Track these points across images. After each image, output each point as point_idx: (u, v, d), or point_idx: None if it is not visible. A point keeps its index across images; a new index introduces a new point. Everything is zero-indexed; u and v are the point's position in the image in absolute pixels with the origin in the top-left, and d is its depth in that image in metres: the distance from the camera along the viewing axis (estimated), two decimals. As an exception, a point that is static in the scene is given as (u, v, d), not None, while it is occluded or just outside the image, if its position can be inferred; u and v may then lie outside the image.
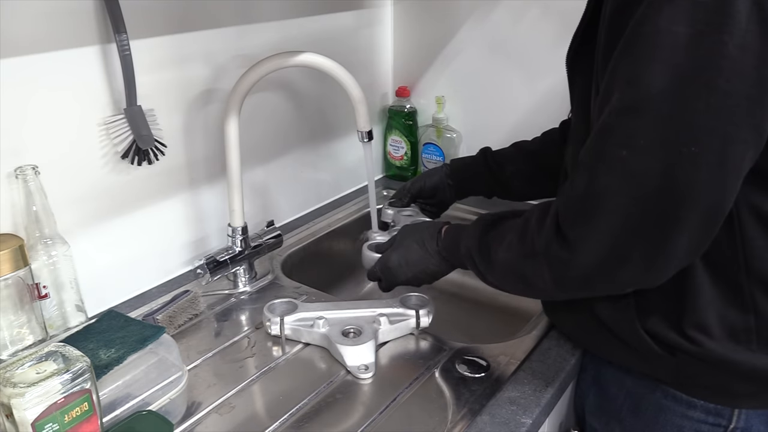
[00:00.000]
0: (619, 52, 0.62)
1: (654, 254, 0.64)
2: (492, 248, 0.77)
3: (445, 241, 0.86)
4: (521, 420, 0.76)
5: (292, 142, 1.27)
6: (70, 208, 0.91)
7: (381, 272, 0.92)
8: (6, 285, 0.80)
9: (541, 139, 1.09)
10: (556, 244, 0.67)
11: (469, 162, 1.11)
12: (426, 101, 1.46)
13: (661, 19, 0.58)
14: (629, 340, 0.75)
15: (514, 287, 0.78)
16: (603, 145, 0.63)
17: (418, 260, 0.88)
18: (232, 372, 0.86)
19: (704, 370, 0.72)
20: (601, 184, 0.63)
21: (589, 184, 0.64)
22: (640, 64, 0.60)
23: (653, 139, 0.60)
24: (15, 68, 0.82)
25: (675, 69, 0.58)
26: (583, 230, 0.65)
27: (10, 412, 0.61)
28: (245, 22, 1.11)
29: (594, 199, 0.64)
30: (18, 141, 0.84)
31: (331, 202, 1.40)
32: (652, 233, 0.62)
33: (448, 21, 1.37)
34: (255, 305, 1.01)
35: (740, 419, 0.74)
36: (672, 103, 0.59)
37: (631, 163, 0.61)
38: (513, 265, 0.74)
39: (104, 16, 0.89)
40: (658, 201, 0.61)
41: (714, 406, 0.74)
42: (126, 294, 1.03)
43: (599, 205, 0.64)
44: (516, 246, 0.73)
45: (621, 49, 0.62)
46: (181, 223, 1.09)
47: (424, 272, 0.89)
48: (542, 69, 1.28)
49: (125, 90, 0.91)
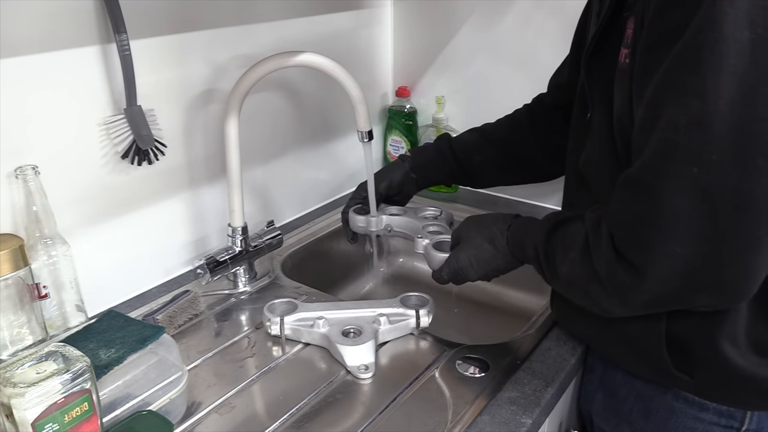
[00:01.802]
0: (675, 63, 0.58)
1: (733, 276, 0.60)
2: (557, 259, 0.74)
3: (514, 240, 0.82)
4: (521, 420, 0.76)
5: (292, 142, 1.27)
6: (70, 208, 0.91)
7: (450, 274, 0.88)
8: (6, 285, 0.80)
9: (507, 124, 1.06)
10: (621, 270, 0.64)
11: (432, 155, 1.08)
12: (426, 101, 1.46)
13: (725, 25, 0.54)
14: (649, 358, 0.74)
15: (579, 301, 0.75)
16: (669, 163, 0.59)
17: (489, 259, 0.84)
18: (232, 372, 0.86)
19: (722, 385, 0.71)
20: (672, 205, 0.59)
21: (656, 205, 0.60)
22: (704, 75, 0.56)
23: (725, 154, 0.56)
24: (15, 68, 0.82)
25: (742, 77, 0.55)
26: (651, 255, 0.61)
27: (10, 412, 0.61)
28: (245, 22, 1.11)
29: (662, 221, 0.59)
30: (18, 141, 0.84)
31: (331, 202, 1.40)
32: (730, 254, 0.59)
33: (448, 21, 1.37)
34: (255, 305, 1.01)
35: (752, 421, 0.73)
36: (741, 114, 0.55)
37: (703, 181, 0.57)
38: (576, 283, 0.71)
39: (104, 16, 0.89)
40: (735, 220, 0.57)
41: (726, 408, 0.73)
42: (126, 294, 1.03)
43: (670, 227, 0.59)
44: (579, 265, 0.70)
45: (678, 59, 0.58)
46: (181, 223, 1.09)
47: (496, 270, 0.85)
48: (542, 69, 1.28)
49: (125, 90, 0.91)
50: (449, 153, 1.06)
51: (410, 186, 1.08)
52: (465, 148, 1.05)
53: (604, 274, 0.66)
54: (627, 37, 0.68)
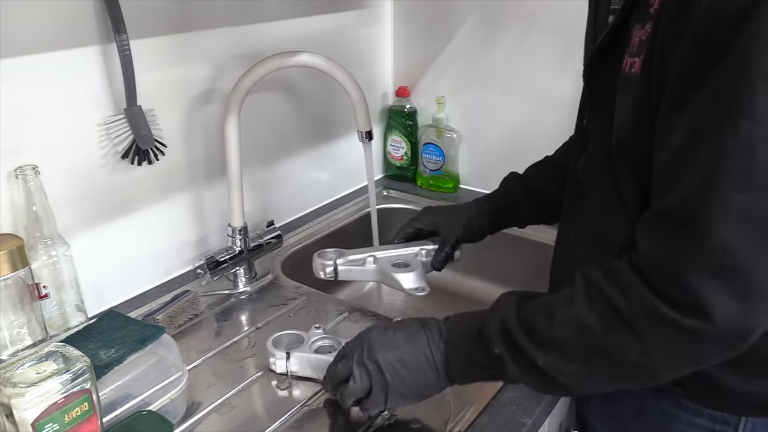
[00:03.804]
0: (718, 85, 0.54)
1: None
2: (539, 324, 0.63)
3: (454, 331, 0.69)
4: (521, 420, 0.76)
5: (292, 142, 1.27)
6: (70, 208, 0.91)
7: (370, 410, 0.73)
8: (6, 285, 0.80)
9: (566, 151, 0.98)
10: (665, 309, 0.56)
11: (509, 198, 0.98)
12: (426, 101, 1.46)
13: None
14: None
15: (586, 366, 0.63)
16: (716, 191, 0.54)
17: (424, 387, 0.70)
18: (232, 372, 0.86)
19: (713, 395, 0.71)
20: (722, 238, 0.54)
21: (704, 240, 0.55)
22: (755, 96, 0.52)
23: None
24: (15, 68, 0.82)
25: None
26: (710, 293, 0.55)
27: (10, 412, 0.61)
28: (245, 22, 1.11)
29: (713, 255, 0.54)
30: (18, 141, 0.84)
31: (331, 202, 1.40)
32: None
33: (449, 21, 1.37)
34: (255, 305, 1.01)
35: (747, 427, 0.72)
36: None
37: (752, 208, 0.53)
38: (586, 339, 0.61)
39: (104, 16, 0.89)
40: None
41: (720, 414, 0.73)
42: (126, 294, 1.03)
43: (723, 263, 0.55)
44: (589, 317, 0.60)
45: (722, 79, 0.54)
46: (181, 223, 1.09)
47: (423, 394, 0.71)
48: (542, 69, 1.28)
49: (125, 90, 0.91)
50: (523, 191, 0.97)
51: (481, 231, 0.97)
52: (536, 182, 0.97)
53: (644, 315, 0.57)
54: (632, 46, 0.65)
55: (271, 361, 0.84)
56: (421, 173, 1.48)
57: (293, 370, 0.83)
